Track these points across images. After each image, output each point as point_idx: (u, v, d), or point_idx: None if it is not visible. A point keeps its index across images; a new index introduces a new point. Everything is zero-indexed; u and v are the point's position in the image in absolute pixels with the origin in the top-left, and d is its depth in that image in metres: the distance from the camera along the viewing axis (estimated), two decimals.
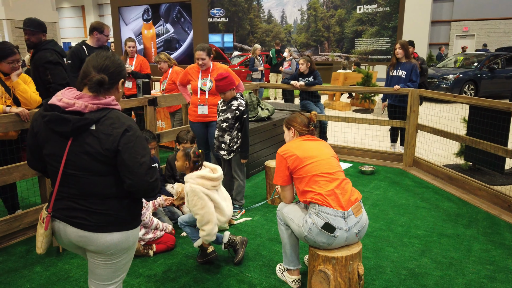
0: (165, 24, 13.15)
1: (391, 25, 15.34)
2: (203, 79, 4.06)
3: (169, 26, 13.14)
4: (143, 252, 3.05)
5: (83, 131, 1.64)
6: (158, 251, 3.11)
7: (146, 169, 1.67)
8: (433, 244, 3.23)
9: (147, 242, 3.08)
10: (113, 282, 1.86)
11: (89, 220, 1.70)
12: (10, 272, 2.85)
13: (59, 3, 31.14)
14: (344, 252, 2.31)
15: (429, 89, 7.17)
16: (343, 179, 2.45)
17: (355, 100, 10.68)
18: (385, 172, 5.09)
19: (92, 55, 1.77)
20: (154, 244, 3.11)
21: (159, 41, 13.45)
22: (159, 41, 13.45)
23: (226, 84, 3.55)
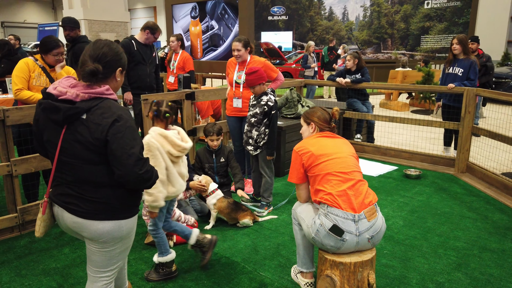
0: (211, 20, 13.30)
1: (462, 21, 14.23)
2: (239, 71, 4.04)
3: (214, 23, 13.26)
4: None
5: (74, 119, 1.67)
6: (178, 242, 3.14)
7: (135, 160, 1.65)
8: (471, 258, 2.92)
9: (168, 232, 3.12)
10: (108, 270, 1.88)
11: (82, 207, 1.73)
12: (42, 251, 3.04)
13: (133, 4, 33.02)
14: (354, 258, 2.15)
15: (493, 89, 6.53)
16: (358, 180, 2.28)
17: (414, 100, 10.06)
18: (433, 177, 4.71)
19: (91, 43, 1.80)
20: (175, 235, 3.14)
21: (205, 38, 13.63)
22: (205, 37, 13.64)
23: (256, 78, 3.50)
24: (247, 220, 3.42)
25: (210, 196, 3.42)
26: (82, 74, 1.72)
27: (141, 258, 2.95)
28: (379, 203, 3.94)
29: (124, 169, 1.64)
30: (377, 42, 16.53)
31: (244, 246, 3.12)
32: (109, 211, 1.74)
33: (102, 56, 1.75)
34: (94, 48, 1.76)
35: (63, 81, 1.75)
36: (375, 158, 5.45)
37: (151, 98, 4.06)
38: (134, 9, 32.99)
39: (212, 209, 3.42)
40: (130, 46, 4.44)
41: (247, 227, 3.43)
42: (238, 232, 3.35)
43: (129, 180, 1.67)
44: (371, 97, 11.08)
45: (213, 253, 3.00)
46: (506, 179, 4.14)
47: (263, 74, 3.54)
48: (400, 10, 15.74)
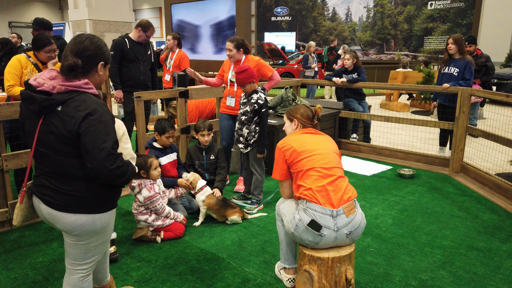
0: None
1: (466, 22, 14.12)
2: (233, 71, 4.06)
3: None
4: (150, 238, 3.13)
5: (50, 111, 1.69)
6: (166, 238, 3.16)
7: (106, 154, 1.64)
8: (457, 257, 2.91)
9: (156, 228, 3.15)
10: (85, 263, 1.90)
11: (56, 199, 1.75)
12: (31, 245, 3.08)
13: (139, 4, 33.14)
14: (332, 253, 2.16)
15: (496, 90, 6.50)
16: (339, 176, 2.29)
17: (415, 101, 10.02)
18: (427, 177, 4.69)
19: (73, 37, 1.82)
20: (162, 231, 3.16)
21: None
22: None
23: (246, 77, 3.51)
24: (235, 217, 3.43)
25: (199, 193, 3.44)
26: (61, 69, 1.73)
27: (128, 253, 2.97)
28: (370, 202, 3.94)
29: (95, 163, 1.64)
30: (380, 43, 16.46)
31: (231, 242, 3.14)
32: (83, 205, 1.76)
33: (83, 50, 1.76)
34: (75, 43, 1.77)
35: (45, 73, 1.77)
36: (370, 158, 5.45)
37: (144, 96, 4.10)
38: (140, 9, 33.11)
39: (201, 205, 3.44)
40: (123, 44, 4.48)
41: (236, 224, 3.45)
42: (226, 229, 3.36)
43: (100, 174, 1.66)
44: (372, 98, 11.08)
45: (199, 249, 3.03)
46: (499, 179, 4.12)
47: (253, 73, 3.56)
48: (404, 11, 15.66)
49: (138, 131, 4.10)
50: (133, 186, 3.12)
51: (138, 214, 3.16)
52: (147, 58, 4.66)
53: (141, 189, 3.11)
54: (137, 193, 3.12)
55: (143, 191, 3.10)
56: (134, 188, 3.11)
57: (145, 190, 3.10)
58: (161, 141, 3.51)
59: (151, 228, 3.14)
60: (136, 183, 3.12)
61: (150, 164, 3.14)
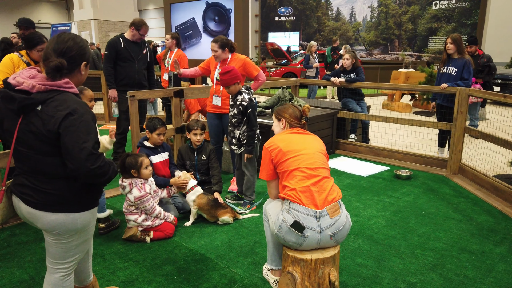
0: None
1: (471, 22, 13.99)
2: (220, 69, 4.05)
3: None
4: (140, 238, 3.12)
5: (29, 110, 1.68)
6: (155, 238, 3.15)
7: (87, 154, 1.63)
8: (449, 259, 2.87)
9: (145, 228, 3.14)
10: (66, 262, 1.89)
11: (35, 198, 1.74)
12: (20, 244, 3.08)
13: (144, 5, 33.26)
14: (315, 255, 2.13)
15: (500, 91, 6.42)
16: (324, 176, 2.26)
17: (418, 101, 9.93)
18: (424, 178, 4.64)
19: (54, 36, 1.81)
20: (152, 231, 3.15)
21: None
22: None
23: (230, 78, 3.49)
24: (226, 217, 3.41)
25: (190, 193, 3.42)
26: (46, 69, 1.70)
27: (117, 253, 2.96)
28: (365, 203, 3.90)
29: (76, 163, 1.63)
30: (384, 43, 16.36)
31: (221, 243, 3.11)
32: (62, 203, 1.75)
33: (67, 50, 1.74)
34: (58, 42, 1.75)
35: (24, 71, 1.76)
36: (368, 159, 5.40)
37: (138, 95, 4.09)
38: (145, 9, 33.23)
39: (192, 205, 3.42)
40: (117, 43, 4.47)
41: (227, 225, 3.43)
42: (216, 230, 3.34)
43: (81, 174, 1.65)
44: (374, 98, 11.00)
45: (188, 249, 3.01)
46: (497, 180, 4.06)
47: (237, 74, 3.53)
48: (408, 11, 15.56)
49: (132, 130, 4.10)
50: (123, 185, 3.11)
51: (128, 213, 3.15)
52: (143, 57, 4.66)
53: (131, 189, 3.10)
54: (127, 193, 3.11)
55: (133, 191, 3.09)
56: (125, 188, 3.11)
57: (136, 189, 3.09)
58: (152, 139, 3.50)
59: (140, 228, 3.13)
60: (126, 182, 3.11)
61: (141, 163, 3.13)
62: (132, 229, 3.12)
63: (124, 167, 3.12)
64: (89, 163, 1.64)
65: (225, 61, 4.00)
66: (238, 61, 3.98)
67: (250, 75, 4.06)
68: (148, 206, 3.13)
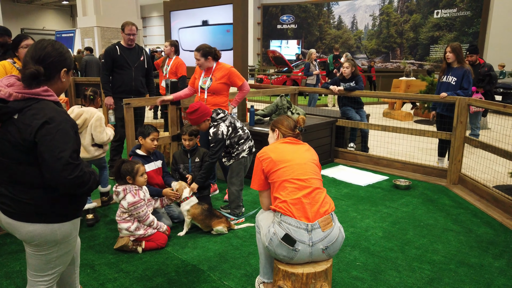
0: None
1: (472, 31, 13.99)
2: (204, 77, 4.03)
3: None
4: (131, 248, 3.06)
5: (6, 119, 1.64)
6: (147, 248, 3.09)
7: (63, 164, 1.58)
8: (446, 273, 2.79)
9: (137, 238, 3.09)
10: (46, 274, 1.84)
11: (13, 208, 1.70)
12: (10, 254, 3.02)
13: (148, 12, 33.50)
14: (307, 269, 2.07)
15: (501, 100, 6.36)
16: (315, 187, 2.20)
17: (419, 110, 9.88)
18: (423, 188, 4.57)
19: (34, 43, 1.78)
20: (144, 241, 3.10)
21: None
22: None
23: (198, 116, 3.47)
24: (221, 227, 3.35)
25: (184, 202, 3.37)
26: (22, 77, 1.68)
27: (107, 263, 2.91)
28: (362, 213, 3.84)
29: (52, 173, 1.59)
30: (386, 51, 16.38)
31: (214, 254, 3.06)
32: (40, 214, 1.70)
33: (45, 56, 1.71)
34: (36, 49, 1.72)
35: (4, 79, 1.72)
36: (367, 168, 5.34)
37: (133, 103, 4.06)
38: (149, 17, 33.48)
39: (186, 215, 3.36)
40: (113, 51, 4.46)
41: (221, 235, 3.37)
42: (210, 240, 3.29)
43: (58, 184, 1.61)
44: (375, 107, 10.96)
45: (180, 260, 2.95)
46: (496, 191, 3.99)
47: (205, 111, 3.49)
48: (410, 19, 15.59)
49: (127, 138, 4.06)
50: (117, 191, 3.07)
51: (121, 221, 3.10)
52: (140, 64, 4.64)
53: (125, 195, 3.06)
54: (121, 199, 3.07)
55: (127, 197, 3.05)
56: (119, 194, 3.07)
57: (130, 195, 3.05)
58: (146, 144, 3.45)
59: (132, 237, 3.08)
60: (121, 188, 3.07)
61: (137, 170, 3.10)
62: (124, 239, 3.07)
63: (120, 174, 3.09)
64: (66, 173, 1.59)
65: (209, 70, 3.98)
66: (223, 70, 3.95)
67: (235, 85, 4.04)
68: (141, 213, 3.07)
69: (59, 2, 30.72)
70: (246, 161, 3.68)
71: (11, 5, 29.25)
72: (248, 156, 3.68)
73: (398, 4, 15.75)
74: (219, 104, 4.00)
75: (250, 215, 3.76)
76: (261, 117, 5.24)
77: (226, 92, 4.07)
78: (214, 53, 3.94)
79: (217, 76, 3.96)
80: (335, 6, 17.69)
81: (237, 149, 3.59)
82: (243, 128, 3.71)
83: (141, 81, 4.68)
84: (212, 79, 3.94)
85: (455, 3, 14.19)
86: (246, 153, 3.65)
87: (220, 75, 3.96)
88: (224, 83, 3.98)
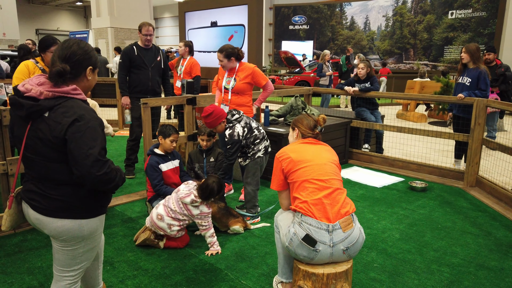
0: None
1: (488, 31, 13.80)
2: (228, 77, 4.05)
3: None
4: (154, 242, 3.07)
5: (37, 117, 1.68)
6: (167, 246, 3.10)
7: (92, 161, 1.62)
8: (466, 276, 2.77)
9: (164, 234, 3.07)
10: (72, 270, 1.88)
11: (42, 204, 1.74)
12: (31, 250, 3.08)
13: (161, 13, 33.72)
14: (328, 270, 2.07)
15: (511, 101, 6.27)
16: (336, 188, 2.20)
17: (433, 111, 9.79)
18: (440, 190, 4.53)
19: (60, 43, 1.82)
20: (165, 238, 3.11)
21: None
22: None
23: (213, 119, 3.47)
24: (237, 227, 3.36)
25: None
26: (49, 75, 1.72)
27: (126, 261, 2.94)
28: (378, 215, 3.82)
29: (82, 169, 1.62)
30: (399, 52, 16.25)
31: (231, 253, 3.07)
32: (69, 210, 1.74)
33: (71, 55, 1.75)
34: (62, 48, 1.77)
35: (34, 78, 1.77)
36: (382, 169, 5.31)
37: (151, 102, 4.10)
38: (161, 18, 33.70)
39: None
40: (131, 52, 4.52)
41: (238, 234, 3.38)
42: (227, 239, 3.30)
43: (86, 180, 1.65)
44: (389, 108, 10.89)
45: (198, 259, 2.97)
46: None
47: (219, 113, 3.49)
48: (423, 20, 15.44)
49: (144, 137, 4.10)
50: (197, 200, 3.00)
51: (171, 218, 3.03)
52: (156, 64, 4.68)
53: (201, 205, 3.03)
54: (194, 204, 3.01)
55: (201, 207, 3.03)
56: (197, 202, 3.01)
57: (205, 206, 3.05)
58: (165, 144, 3.48)
59: (162, 232, 3.06)
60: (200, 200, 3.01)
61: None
62: (145, 233, 3.09)
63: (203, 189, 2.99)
64: (94, 170, 1.63)
65: (233, 70, 4.00)
66: (247, 70, 3.97)
67: (259, 84, 4.05)
68: (207, 223, 3.06)
69: (73, 3, 31.12)
70: (262, 161, 3.69)
71: (26, 6, 29.73)
72: (264, 156, 3.69)
73: (411, 4, 15.63)
74: (243, 104, 4.02)
75: (264, 213, 3.77)
76: (275, 118, 5.25)
77: (250, 92, 4.09)
78: (237, 53, 3.96)
79: (241, 76, 3.98)
80: (348, 6, 17.61)
81: (253, 149, 3.60)
82: (259, 128, 3.71)
83: (157, 81, 4.72)
84: (236, 79, 3.96)
85: (470, 3, 14.02)
86: (262, 153, 3.66)
87: (244, 75, 3.97)
88: (248, 83, 4.00)
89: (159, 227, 3.05)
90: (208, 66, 6.99)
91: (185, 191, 3.04)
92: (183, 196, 3.01)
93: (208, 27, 6.38)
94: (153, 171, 3.44)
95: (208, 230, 3.06)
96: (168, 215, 3.04)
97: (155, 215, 3.07)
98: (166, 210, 3.06)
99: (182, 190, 3.07)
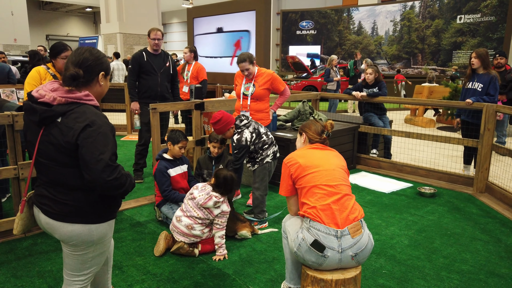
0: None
1: (496, 36, 13.70)
2: (246, 83, 4.05)
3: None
4: (188, 251, 3.05)
5: (50, 122, 1.71)
6: (203, 251, 3.10)
7: (103, 166, 1.64)
8: (476, 283, 2.74)
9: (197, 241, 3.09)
10: (82, 274, 1.89)
11: (53, 208, 1.76)
12: (41, 253, 3.11)
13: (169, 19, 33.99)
14: (336, 276, 2.07)
15: None
16: (344, 194, 2.20)
17: (441, 116, 9.73)
18: (449, 196, 4.50)
19: (73, 50, 1.85)
20: (200, 244, 3.11)
21: None
22: None
23: (222, 126, 3.49)
24: (245, 232, 3.37)
25: None
26: (63, 79, 1.76)
27: (134, 265, 2.96)
28: (387, 221, 3.80)
29: (92, 174, 1.65)
30: (407, 57, 16.18)
31: (239, 258, 3.07)
32: (79, 215, 1.76)
33: (83, 61, 1.79)
34: (75, 55, 1.81)
35: (48, 84, 1.80)
36: (390, 175, 5.28)
37: (160, 108, 4.13)
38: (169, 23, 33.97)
39: None
40: (140, 58, 4.56)
41: (245, 239, 3.39)
42: (234, 244, 3.31)
43: (97, 185, 1.67)
44: (397, 113, 10.84)
45: (206, 264, 2.98)
46: None
47: (228, 119, 3.50)
48: (432, 25, 15.38)
49: (153, 142, 4.13)
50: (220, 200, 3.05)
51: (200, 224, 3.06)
52: (165, 70, 4.72)
53: (222, 204, 3.07)
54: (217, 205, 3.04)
55: (222, 206, 3.06)
56: (219, 202, 3.05)
57: (226, 205, 3.08)
58: (174, 150, 3.51)
59: (194, 239, 3.07)
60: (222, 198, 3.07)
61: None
62: (179, 243, 3.06)
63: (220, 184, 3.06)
64: (105, 175, 1.65)
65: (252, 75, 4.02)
66: (266, 75, 3.98)
67: (277, 90, 4.06)
68: (224, 222, 3.10)
69: (83, 9, 31.50)
70: (270, 166, 3.69)
71: (37, 12, 30.17)
72: (272, 161, 3.69)
73: (419, 9, 15.59)
74: (262, 110, 4.04)
75: (272, 218, 3.77)
76: (283, 123, 5.26)
77: (268, 97, 4.11)
78: (253, 58, 3.99)
79: (260, 82, 3.99)
80: (355, 11, 17.61)
81: (261, 154, 3.61)
82: (267, 133, 3.72)
83: (166, 86, 4.76)
84: (255, 85, 3.97)
85: (479, 8, 13.94)
86: (270, 158, 3.67)
87: (263, 81, 3.98)
88: (267, 88, 4.02)
89: (193, 235, 3.06)
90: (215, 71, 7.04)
91: (204, 196, 3.05)
92: (204, 202, 3.03)
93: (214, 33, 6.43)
94: (162, 176, 3.47)
95: (221, 230, 3.07)
96: (196, 223, 3.06)
97: (184, 228, 3.06)
98: (192, 220, 3.07)
99: (198, 196, 3.07)
